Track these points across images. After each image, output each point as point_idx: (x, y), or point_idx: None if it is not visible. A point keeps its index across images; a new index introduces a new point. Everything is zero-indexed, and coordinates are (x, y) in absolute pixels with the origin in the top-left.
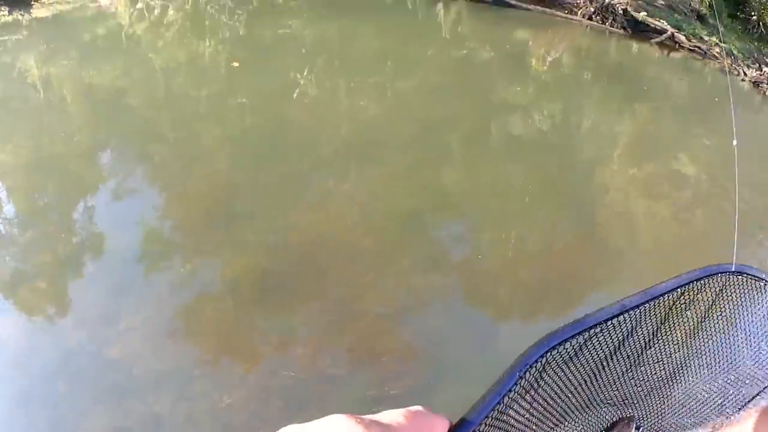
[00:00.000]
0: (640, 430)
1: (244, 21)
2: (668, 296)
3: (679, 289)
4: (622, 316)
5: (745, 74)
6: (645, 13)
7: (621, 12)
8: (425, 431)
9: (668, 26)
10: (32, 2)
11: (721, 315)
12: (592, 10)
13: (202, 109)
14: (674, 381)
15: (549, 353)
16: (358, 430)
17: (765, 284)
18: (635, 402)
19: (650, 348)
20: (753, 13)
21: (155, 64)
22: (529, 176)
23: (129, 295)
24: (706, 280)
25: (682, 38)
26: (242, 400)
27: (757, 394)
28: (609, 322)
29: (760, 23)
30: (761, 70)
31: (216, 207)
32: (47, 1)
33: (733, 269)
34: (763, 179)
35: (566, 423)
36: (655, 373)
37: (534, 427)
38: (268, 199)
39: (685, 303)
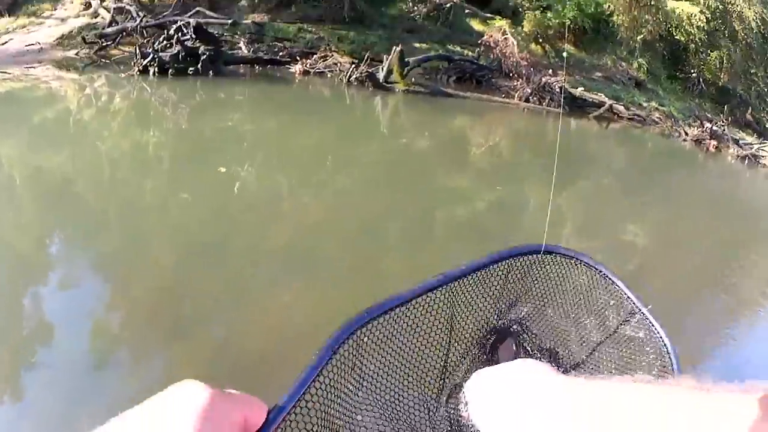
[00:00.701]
0: None
1: (187, 114)
2: (475, 275)
3: (491, 266)
4: (436, 293)
5: (686, 134)
6: (582, 88)
7: (558, 90)
8: (253, 411)
9: (606, 98)
10: None
11: (537, 292)
12: (529, 91)
13: (146, 202)
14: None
15: (360, 330)
16: (205, 392)
17: (576, 261)
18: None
19: (471, 330)
20: (692, 71)
21: (101, 152)
22: None
23: (74, 404)
24: (519, 258)
25: (621, 108)
26: None
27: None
28: (422, 297)
29: (700, 80)
30: (703, 126)
31: (159, 313)
32: (1, 77)
33: (543, 248)
34: (703, 230)
35: (402, 402)
36: (481, 354)
37: (371, 400)
38: (210, 308)
39: (498, 281)
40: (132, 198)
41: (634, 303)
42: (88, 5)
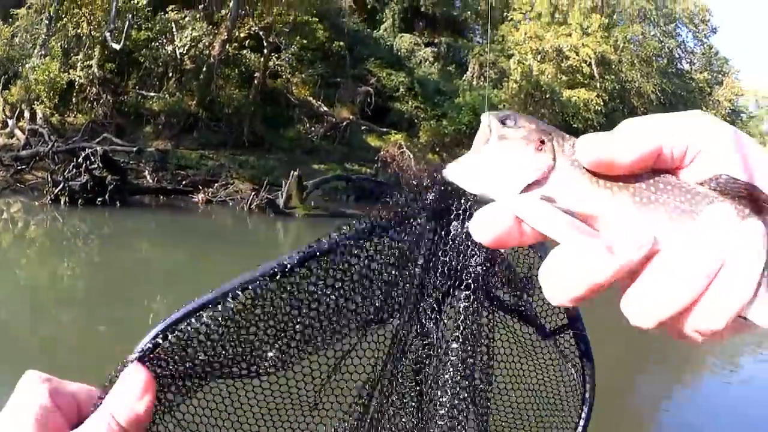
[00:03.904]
0: None
1: (98, 245)
2: None
3: None
4: None
5: None
6: None
7: None
8: (84, 396)
9: None
10: None
11: None
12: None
13: (65, 335)
14: None
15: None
16: (43, 383)
17: None
18: None
19: None
20: None
21: (20, 281)
22: None
23: None
24: None
25: None
26: None
27: None
28: None
29: None
30: None
31: None
32: None
33: None
34: None
35: None
36: None
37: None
38: None
39: None
40: (53, 326)
41: None
42: (4, 124)
